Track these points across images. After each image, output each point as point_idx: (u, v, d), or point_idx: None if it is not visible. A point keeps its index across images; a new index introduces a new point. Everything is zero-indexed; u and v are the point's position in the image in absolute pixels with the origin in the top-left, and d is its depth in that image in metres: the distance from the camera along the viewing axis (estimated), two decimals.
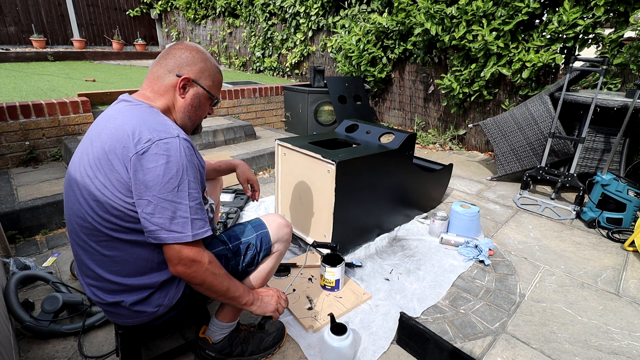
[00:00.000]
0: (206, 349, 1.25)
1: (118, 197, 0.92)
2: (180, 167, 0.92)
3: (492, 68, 3.42)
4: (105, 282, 1.00)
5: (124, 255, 0.97)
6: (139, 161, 0.90)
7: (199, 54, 1.08)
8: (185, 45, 1.08)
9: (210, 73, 1.11)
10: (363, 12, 4.58)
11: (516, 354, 1.39)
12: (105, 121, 0.99)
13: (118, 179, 0.92)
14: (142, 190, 0.90)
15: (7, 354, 1.12)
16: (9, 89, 3.48)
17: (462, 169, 3.48)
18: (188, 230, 0.93)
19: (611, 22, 2.94)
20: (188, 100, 1.08)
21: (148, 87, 1.08)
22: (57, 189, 2.34)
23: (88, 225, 0.96)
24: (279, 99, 4.60)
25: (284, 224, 1.27)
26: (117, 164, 0.91)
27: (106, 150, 0.93)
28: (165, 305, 1.04)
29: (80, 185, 0.96)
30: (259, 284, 1.25)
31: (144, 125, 0.94)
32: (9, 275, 1.63)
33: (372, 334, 1.46)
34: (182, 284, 1.06)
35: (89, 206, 0.95)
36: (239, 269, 1.18)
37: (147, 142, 0.90)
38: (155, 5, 7.88)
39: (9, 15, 6.35)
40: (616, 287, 1.81)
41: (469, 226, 2.18)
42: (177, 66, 1.05)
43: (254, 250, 1.19)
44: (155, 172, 0.90)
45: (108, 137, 0.94)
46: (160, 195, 0.90)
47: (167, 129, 0.95)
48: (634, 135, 2.86)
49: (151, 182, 0.90)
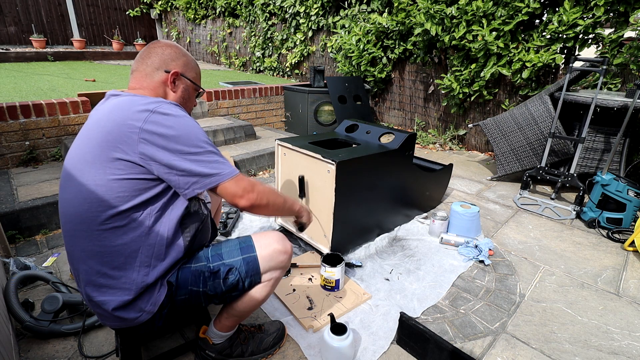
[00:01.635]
0: (206, 349, 1.25)
1: (116, 180, 0.93)
2: (186, 122, 0.99)
3: (492, 68, 3.42)
4: (96, 274, 0.98)
5: (115, 246, 0.96)
6: (148, 132, 0.93)
7: (179, 49, 1.15)
8: (163, 43, 1.13)
9: (192, 65, 1.18)
10: (363, 12, 4.58)
11: (516, 354, 1.39)
12: (101, 113, 1.00)
13: (121, 159, 0.93)
14: (167, 155, 0.94)
15: (7, 354, 1.12)
16: (9, 89, 3.48)
17: (462, 169, 3.48)
18: (230, 167, 1.02)
19: (611, 22, 2.94)
20: (179, 94, 1.15)
21: (137, 84, 1.10)
22: (57, 189, 2.34)
23: (84, 214, 0.95)
24: (279, 99, 4.60)
25: (280, 250, 1.15)
26: (122, 145, 0.93)
27: (107, 138, 0.93)
28: (148, 312, 1.01)
29: (77, 176, 0.96)
30: (249, 310, 1.17)
31: (140, 103, 0.98)
32: (9, 275, 1.63)
33: (372, 334, 1.46)
34: (163, 290, 1.03)
35: (85, 195, 0.94)
36: (217, 291, 1.10)
37: (146, 113, 0.95)
38: (155, 5, 7.88)
39: (9, 15, 6.35)
40: (616, 287, 1.81)
41: (469, 226, 2.18)
42: (162, 63, 1.10)
43: (235, 276, 1.10)
44: (169, 133, 0.94)
45: (108, 124, 0.95)
46: (189, 150, 0.96)
47: (159, 100, 1.01)
48: (634, 135, 2.86)
49: (173, 143, 0.95)
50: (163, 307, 1.04)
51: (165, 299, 1.04)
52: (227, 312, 1.20)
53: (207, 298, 1.11)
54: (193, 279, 1.07)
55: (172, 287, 1.05)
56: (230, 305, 1.18)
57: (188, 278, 1.07)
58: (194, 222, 1.09)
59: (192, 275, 1.08)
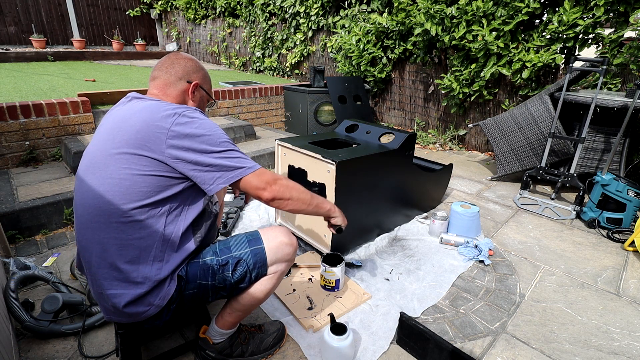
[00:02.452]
0: (206, 349, 1.25)
1: (141, 176, 0.97)
2: (209, 124, 1.06)
3: (492, 68, 3.42)
4: (109, 267, 0.99)
5: (131, 239, 0.99)
6: (176, 132, 0.99)
7: (198, 63, 1.25)
8: (185, 55, 1.23)
9: (208, 79, 1.29)
10: (363, 12, 4.58)
11: (516, 354, 1.39)
12: (128, 113, 1.05)
13: (148, 157, 0.98)
14: (193, 153, 1.00)
15: (7, 354, 1.12)
16: (9, 89, 3.48)
17: (462, 169, 3.48)
18: (252, 162, 1.08)
19: (611, 22, 2.94)
20: (197, 103, 1.23)
21: (160, 91, 1.17)
22: (57, 189, 2.34)
23: (103, 206, 0.98)
24: (279, 99, 4.60)
25: (287, 243, 1.20)
26: (150, 144, 0.98)
27: (137, 136, 0.98)
28: (156, 305, 1.03)
29: (101, 169, 1.00)
30: (253, 304, 1.20)
31: (168, 107, 1.04)
32: (9, 275, 1.63)
33: (372, 334, 1.46)
34: (172, 284, 1.05)
35: (108, 187, 0.98)
36: (226, 283, 1.13)
37: (174, 116, 1.01)
38: (155, 5, 7.88)
39: (9, 15, 6.35)
40: (616, 287, 1.81)
41: (469, 226, 2.18)
42: (185, 74, 1.19)
43: (244, 267, 1.14)
44: (196, 133, 1.01)
45: (137, 123, 1.00)
46: (213, 148, 1.02)
47: (184, 106, 1.08)
48: (634, 135, 2.86)
49: (198, 142, 1.00)
50: (172, 302, 1.07)
51: (175, 293, 1.06)
52: (231, 306, 1.21)
53: (216, 291, 1.14)
54: (202, 272, 1.11)
55: (181, 281, 1.08)
56: (235, 299, 1.20)
57: (197, 272, 1.10)
58: (205, 220, 1.16)
59: (200, 269, 1.11)
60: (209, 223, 1.18)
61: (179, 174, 1.02)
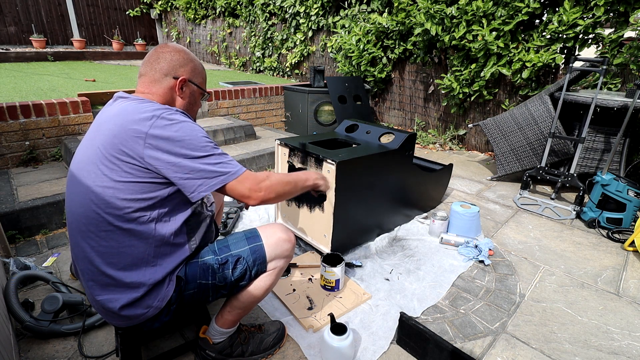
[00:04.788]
0: (206, 349, 1.25)
1: (123, 183, 0.94)
2: (190, 126, 1.00)
3: (492, 68, 3.42)
4: (101, 275, 0.99)
5: (121, 247, 0.98)
6: (154, 136, 0.95)
7: (187, 54, 1.16)
8: (172, 47, 1.14)
9: (199, 70, 1.19)
10: (363, 12, 4.58)
11: (516, 354, 1.39)
12: (108, 116, 1.02)
13: (127, 162, 0.95)
14: (173, 158, 0.96)
15: (7, 354, 1.12)
16: (9, 89, 3.48)
17: (462, 169, 3.48)
18: (235, 167, 1.04)
19: (611, 22, 2.94)
20: (186, 99, 1.17)
21: (145, 89, 1.11)
22: (57, 189, 2.34)
23: (90, 214, 0.96)
24: (279, 99, 4.60)
25: (285, 239, 1.19)
26: (128, 149, 0.94)
27: (113, 141, 0.95)
28: (155, 307, 1.03)
29: (84, 177, 0.98)
30: (253, 301, 1.20)
31: (147, 109, 0.99)
32: (9, 275, 1.63)
33: (372, 334, 1.46)
34: (171, 285, 1.05)
35: (92, 196, 0.96)
36: (226, 282, 1.13)
37: (152, 119, 0.97)
38: (155, 5, 7.88)
39: (9, 15, 6.35)
40: (616, 287, 1.81)
41: (469, 226, 2.18)
42: (171, 69, 1.11)
43: (244, 265, 1.13)
44: (175, 137, 0.96)
45: (115, 127, 0.96)
46: (194, 153, 0.98)
47: (165, 107, 1.03)
48: (634, 135, 2.86)
49: (178, 147, 0.96)
50: (172, 303, 1.06)
51: (174, 294, 1.05)
52: (231, 305, 1.21)
53: (216, 290, 1.13)
54: (202, 272, 1.10)
55: (181, 282, 1.07)
56: (235, 297, 1.19)
57: (197, 272, 1.09)
58: (198, 223, 1.13)
59: (200, 269, 1.10)
60: (204, 224, 1.16)
61: (164, 179, 0.98)
